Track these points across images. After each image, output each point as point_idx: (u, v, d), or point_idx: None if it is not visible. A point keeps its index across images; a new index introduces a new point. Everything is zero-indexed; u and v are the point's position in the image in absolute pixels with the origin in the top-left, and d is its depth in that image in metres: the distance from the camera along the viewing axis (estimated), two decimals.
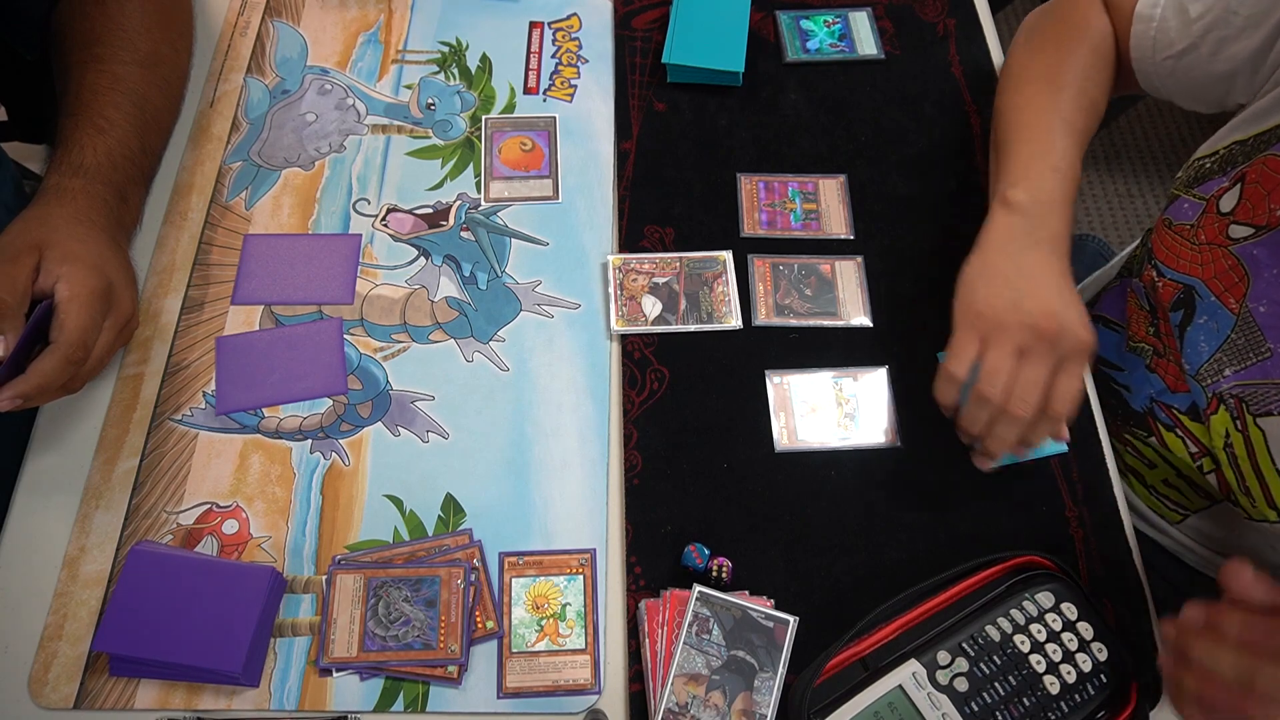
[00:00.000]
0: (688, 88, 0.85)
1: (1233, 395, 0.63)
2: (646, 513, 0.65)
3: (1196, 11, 0.65)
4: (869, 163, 0.81)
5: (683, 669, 0.58)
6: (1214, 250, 0.64)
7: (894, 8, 0.91)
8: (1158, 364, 0.71)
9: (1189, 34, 0.66)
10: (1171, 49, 0.67)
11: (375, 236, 0.76)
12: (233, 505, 0.65)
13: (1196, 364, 0.65)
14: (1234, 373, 0.63)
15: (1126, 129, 1.93)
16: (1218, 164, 0.66)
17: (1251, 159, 0.62)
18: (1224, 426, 0.64)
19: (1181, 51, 0.67)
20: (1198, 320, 0.65)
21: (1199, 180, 0.67)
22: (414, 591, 0.61)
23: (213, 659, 0.57)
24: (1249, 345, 0.62)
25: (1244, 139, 0.64)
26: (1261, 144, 0.62)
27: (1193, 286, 0.65)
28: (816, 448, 0.68)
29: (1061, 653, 0.59)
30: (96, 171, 0.67)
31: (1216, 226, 0.64)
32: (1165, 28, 0.67)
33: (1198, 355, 0.65)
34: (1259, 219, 0.61)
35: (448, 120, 0.83)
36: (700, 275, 0.74)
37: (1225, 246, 0.63)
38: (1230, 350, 0.63)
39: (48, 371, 0.59)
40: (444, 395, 0.70)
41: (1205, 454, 0.68)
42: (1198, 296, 0.65)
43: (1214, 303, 0.64)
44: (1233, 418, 0.63)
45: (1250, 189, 0.62)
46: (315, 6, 0.89)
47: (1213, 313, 0.64)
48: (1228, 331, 0.63)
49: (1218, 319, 0.64)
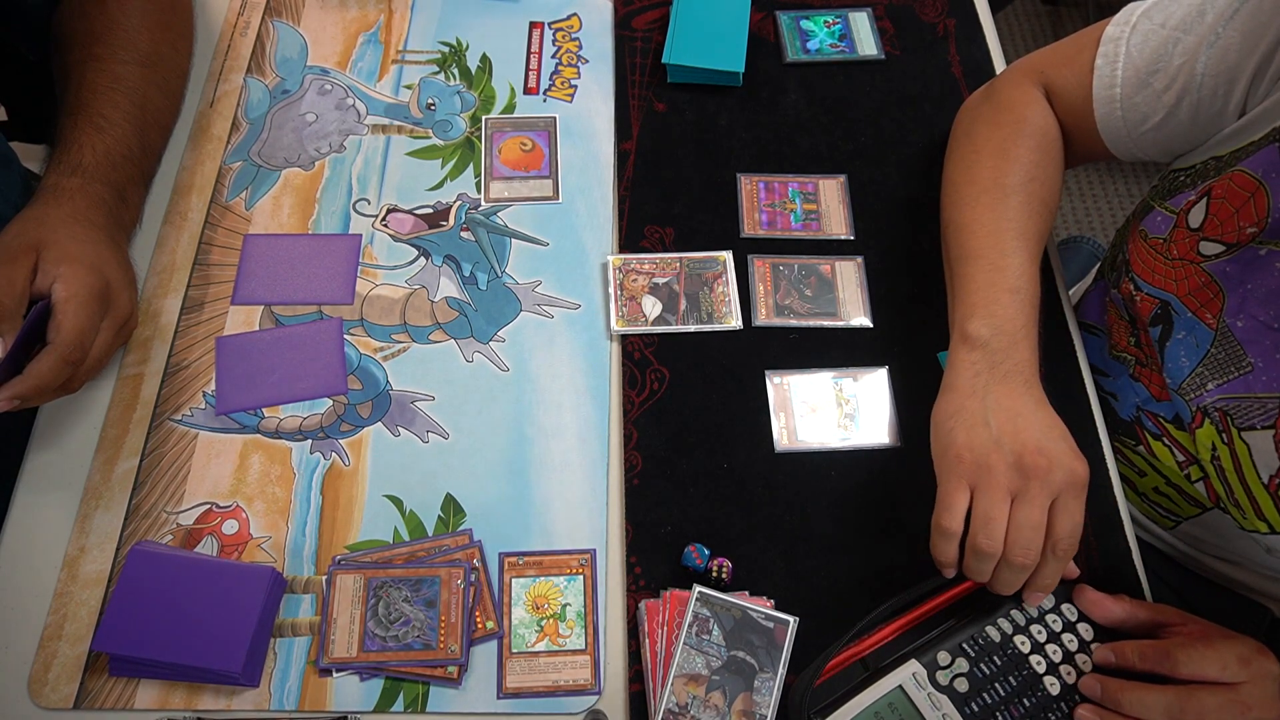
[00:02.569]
0: (688, 88, 0.85)
1: (1217, 409, 0.62)
2: (646, 513, 0.65)
3: (1162, 84, 0.62)
4: (869, 163, 0.81)
5: (683, 669, 0.58)
6: (1186, 266, 0.62)
7: (894, 8, 0.91)
8: (1141, 373, 0.71)
9: (1163, 105, 0.63)
10: (1148, 122, 0.65)
11: (375, 236, 0.76)
12: (233, 505, 0.65)
13: (1179, 378, 0.64)
14: (1216, 386, 0.62)
15: None
16: (1191, 178, 0.64)
17: (1221, 173, 0.60)
18: (1210, 439, 0.63)
19: (1161, 121, 0.64)
20: (1176, 335, 0.64)
21: (1172, 192, 0.65)
22: (414, 592, 0.61)
23: (213, 659, 0.57)
24: (1229, 359, 0.61)
25: (1220, 155, 0.62)
26: (1234, 159, 0.60)
27: (1168, 302, 0.64)
28: (816, 448, 0.68)
29: (1062, 654, 0.59)
30: (95, 171, 0.67)
31: (1187, 242, 0.62)
32: (1132, 105, 0.65)
33: (1179, 370, 0.64)
34: (1228, 236, 0.59)
35: (448, 120, 0.83)
36: (700, 275, 0.74)
37: (1197, 264, 0.61)
38: (1211, 365, 0.62)
39: (45, 372, 0.59)
40: (444, 395, 0.70)
41: (1193, 463, 0.67)
42: (1174, 312, 0.64)
43: (1191, 318, 0.63)
44: (1218, 431, 0.63)
45: (1216, 204, 0.60)
46: (315, 6, 0.89)
47: (1191, 328, 0.63)
48: (1207, 346, 0.62)
49: (1196, 334, 0.63)
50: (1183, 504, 0.72)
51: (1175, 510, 0.73)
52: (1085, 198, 1.84)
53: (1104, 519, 0.66)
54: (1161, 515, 0.74)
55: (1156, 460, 0.71)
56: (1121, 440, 0.73)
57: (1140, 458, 0.72)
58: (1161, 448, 0.70)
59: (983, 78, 0.86)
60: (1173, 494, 0.72)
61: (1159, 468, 0.71)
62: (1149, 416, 0.70)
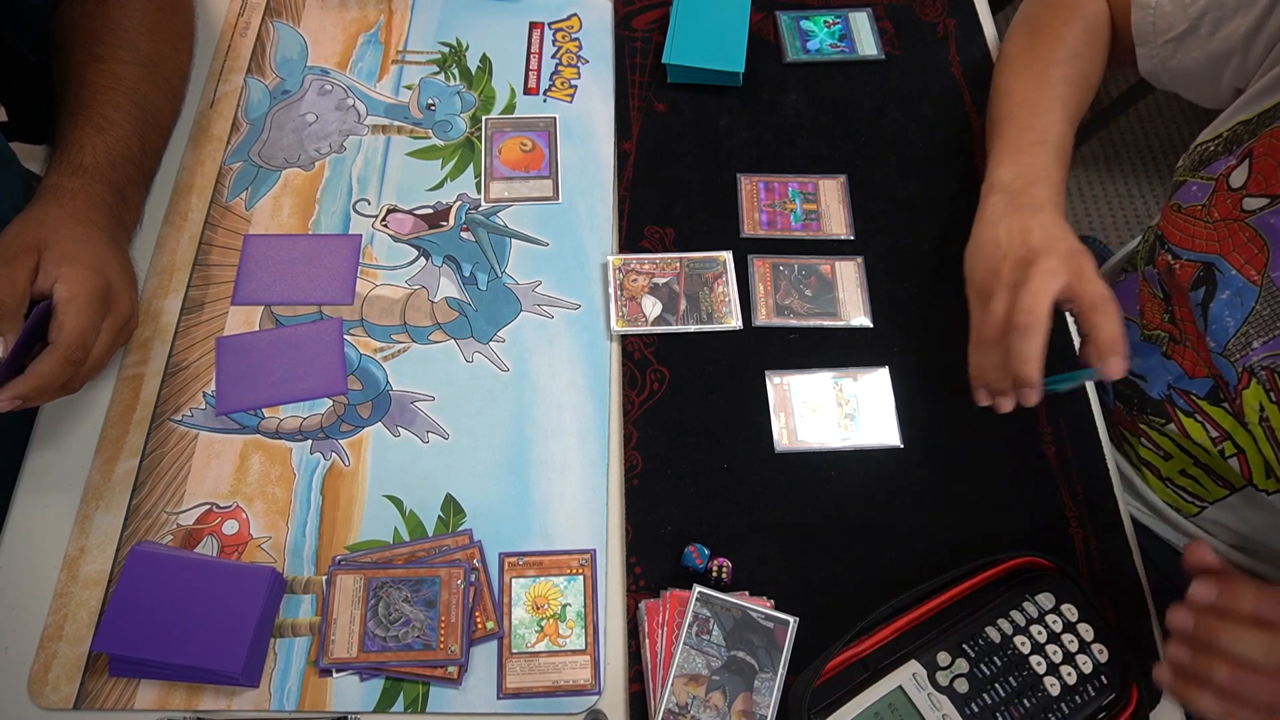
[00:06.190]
0: (688, 88, 0.85)
1: (1264, 367, 0.63)
2: (646, 513, 0.65)
3: None
4: (869, 163, 0.81)
5: (683, 669, 0.58)
6: (1229, 225, 0.64)
7: (894, 8, 0.91)
8: (1174, 350, 0.71)
9: (1187, 16, 0.68)
10: (1171, 31, 0.70)
11: (375, 237, 0.76)
12: (233, 506, 0.65)
13: (1223, 339, 0.65)
14: (1262, 344, 0.63)
15: (1126, 129, 1.93)
16: (1222, 145, 0.67)
17: (1258, 134, 0.63)
18: (1257, 400, 0.64)
19: (1182, 34, 0.69)
20: (1220, 296, 0.65)
21: (1204, 163, 0.68)
22: (414, 592, 0.61)
23: (213, 659, 0.57)
24: (1275, 315, 0.62)
25: (1247, 119, 0.65)
26: (1267, 119, 0.63)
27: (1212, 263, 0.66)
28: (816, 448, 0.68)
29: (1062, 654, 0.59)
30: (96, 171, 0.67)
31: (1229, 202, 0.64)
32: (1163, 12, 0.70)
33: (1224, 331, 0.65)
34: (1273, 188, 0.62)
35: (448, 121, 0.83)
36: (700, 276, 0.74)
37: (1241, 220, 0.63)
38: (1256, 322, 0.63)
39: (47, 372, 0.59)
40: (444, 396, 0.70)
41: (1226, 438, 0.68)
42: (1218, 272, 0.65)
43: (1235, 276, 0.64)
44: (1266, 390, 0.63)
45: (1260, 162, 0.63)
46: (315, 7, 0.89)
47: (1235, 286, 0.64)
48: (1252, 304, 0.63)
49: (1241, 292, 0.64)
50: (1210, 486, 0.72)
51: (1201, 494, 0.73)
52: (1086, 198, 1.84)
53: (1104, 519, 0.66)
54: (1186, 500, 0.74)
55: (1187, 439, 0.71)
56: (1150, 420, 0.74)
57: (1169, 438, 0.73)
58: (1194, 424, 0.70)
59: (983, 78, 0.86)
60: (1200, 476, 0.72)
61: (1188, 447, 0.71)
62: (1180, 394, 0.71)
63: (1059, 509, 0.67)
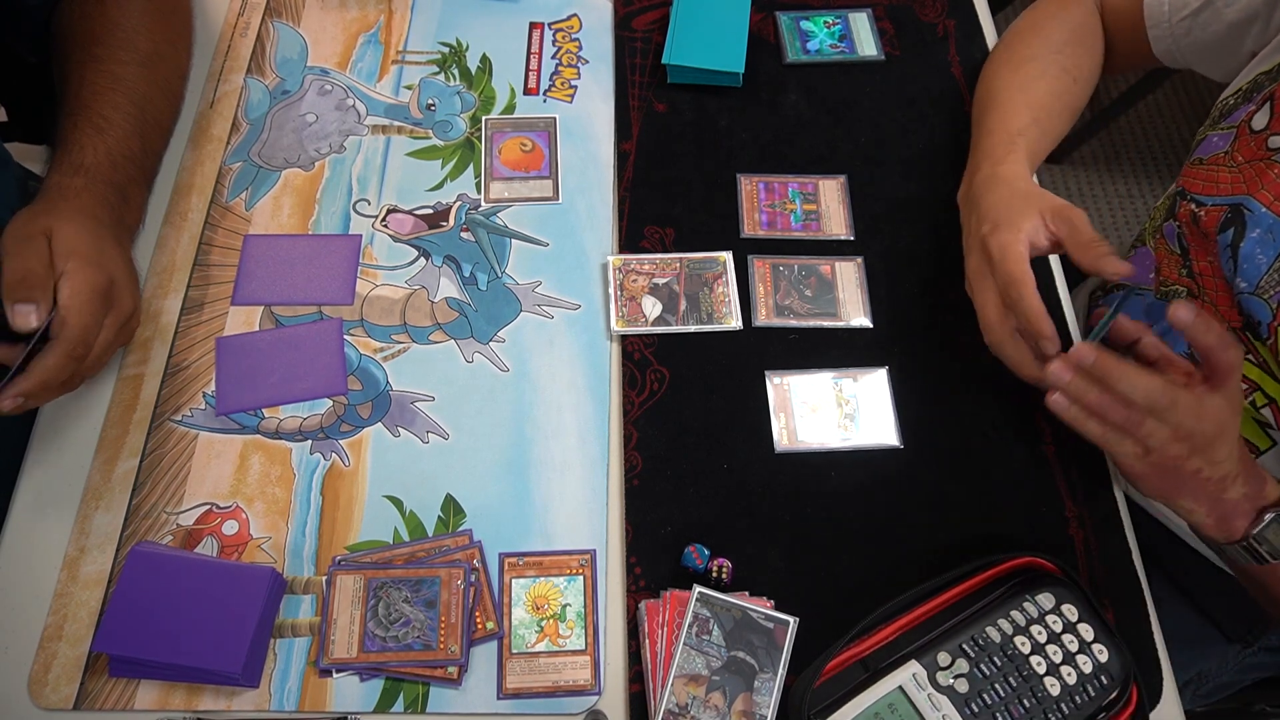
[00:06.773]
0: (688, 88, 0.85)
1: None
2: (646, 513, 0.65)
3: None
4: (869, 163, 0.81)
5: (683, 670, 0.58)
6: (1255, 166, 0.65)
7: (894, 9, 0.91)
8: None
9: None
10: (1187, 8, 0.71)
11: (375, 237, 0.76)
12: (233, 506, 0.65)
13: (1255, 278, 0.65)
14: None
15: (1126, 129, 1.93)
16: (1242, 97, 0.68)
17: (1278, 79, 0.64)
18: None
19: (1198, 9, 0.70)
20: (1250, 235, 0.65)
21: (1225, 115, 0.70)
22: (414, 592, 0.61)
23: (213, 660, 0.57)
24: None
25: (1268, 69, 0.66)
26: None
27: (1240, 204, 0.66)
28: (816, 448, 0.68)
29: (1062, 654, 0.59)
30: (97, 170, 0.67)
31: (1254, 144, 0.65)
32: None
33: (1256, 269, 0.65)
34: None
35: (448, 121, 0.83)
36: (700, 276, 0.74)
37: (1268, 158, 0.64)
38: None
39: (50, 368, 0.59)
40: (444, 396, 0.70)
41: (1255, 389, 0.68)
42: (1247, 211, 0.65)
43: (1265, 213, 0.64)
44: None
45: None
46: (315, 7, 0.89)
47: (1265, 224, 0.64)
48: None
49: (1272, 229, 0.64)
50: None
51: None
52: (1086, 198, 1.84)
53: (1104, 519, 0.66)
54: None
55: None
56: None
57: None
58: None
59: None
60: None
61: None
62: None
63: (1059, 509, 0.67)
